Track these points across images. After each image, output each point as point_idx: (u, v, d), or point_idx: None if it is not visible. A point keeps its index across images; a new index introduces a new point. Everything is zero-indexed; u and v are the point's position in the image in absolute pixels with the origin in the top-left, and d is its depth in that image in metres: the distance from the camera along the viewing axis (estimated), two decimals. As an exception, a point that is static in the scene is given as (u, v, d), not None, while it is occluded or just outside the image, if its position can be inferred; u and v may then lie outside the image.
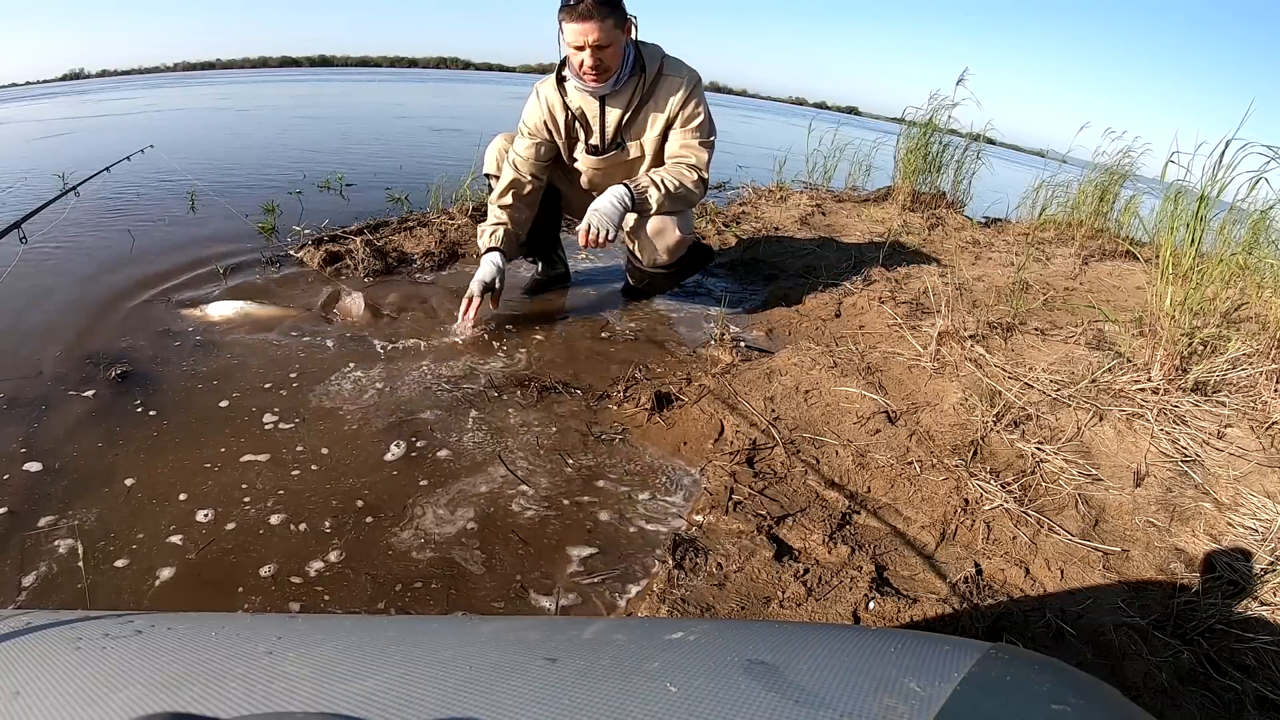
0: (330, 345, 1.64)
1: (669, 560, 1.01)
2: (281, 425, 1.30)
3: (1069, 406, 1.40)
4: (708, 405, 1.42)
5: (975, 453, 1.28)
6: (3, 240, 1.42)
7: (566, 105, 1.77)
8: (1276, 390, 1.46)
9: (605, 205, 1.67)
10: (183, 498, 1.10)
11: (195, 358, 1.54)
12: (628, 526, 1.11)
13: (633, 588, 0.98)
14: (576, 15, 1.55)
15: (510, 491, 1.16)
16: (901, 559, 1.05)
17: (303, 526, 1.05)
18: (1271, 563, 1.03)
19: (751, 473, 1.23)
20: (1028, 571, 1.04)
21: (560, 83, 1.76)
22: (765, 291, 2.26)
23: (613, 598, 0.96)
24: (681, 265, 1.93)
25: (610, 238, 1.67)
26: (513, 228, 1.85)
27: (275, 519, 1.06)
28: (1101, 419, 1.37)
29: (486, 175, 2.00)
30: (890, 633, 0.40)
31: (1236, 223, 2.14)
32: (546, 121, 1.80)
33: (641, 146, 1.79)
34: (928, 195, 3.86)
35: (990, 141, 4.26)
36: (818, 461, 1.26)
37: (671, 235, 1.80)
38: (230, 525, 1.04)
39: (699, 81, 1.74)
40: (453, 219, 2.59)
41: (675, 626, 0.41)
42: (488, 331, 1.80)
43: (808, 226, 3.18)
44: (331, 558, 0.99)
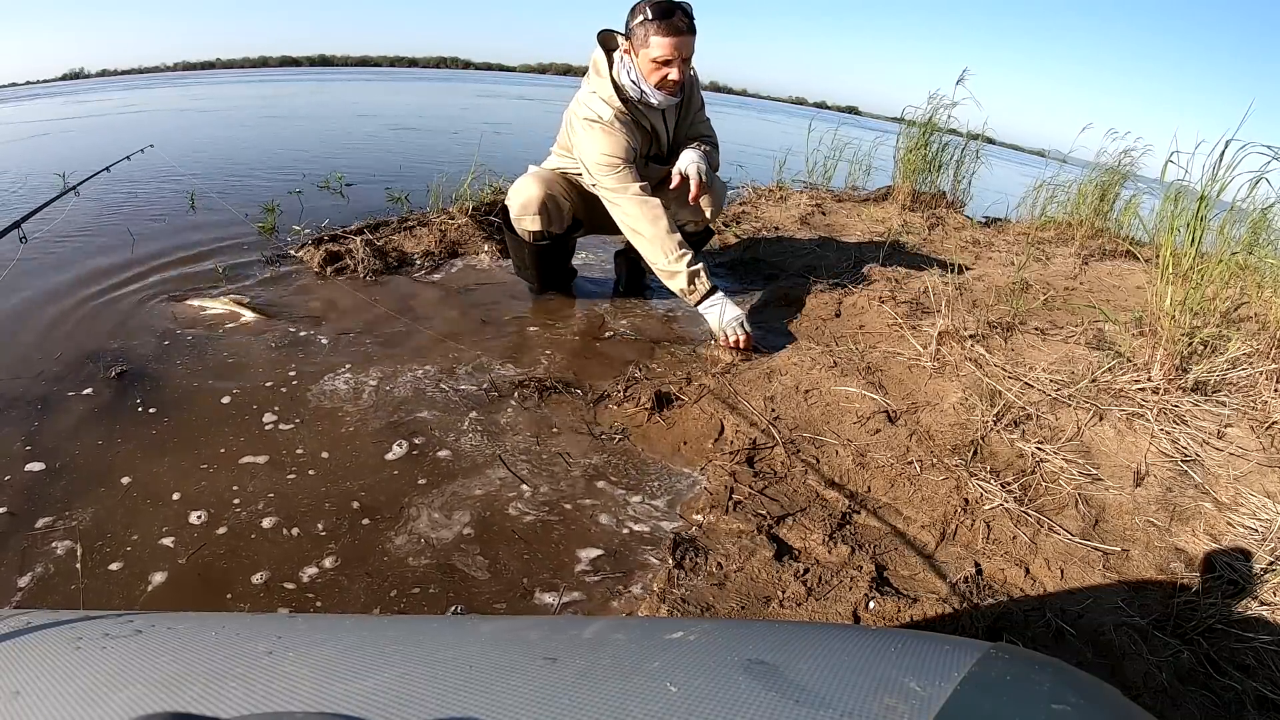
0: (329, 345, 1.64)
1: (669, 560, 1.01)
2: (281, 426, 1.30)
3: (1069, 406, 1.40)
4: (708, 405, 1.42)
5: (975, 452, 1.27)
6: (2, 240, 1.42)
7: (639, 123, 1.73)
8: (1276, 390, 1.46)
9: (698, 157, 1.76)
10: (176, 496, 1.10)
11: (195, 357, 1.54)
12: (627, 526, 1.11)
13: (633, 587, 0.98)
14: (673, 30, 1.56)
15: (510, 492, 1.16)
16: (901, 559, 1.05)
17: (295, 530, 1.05)
18: (1271, 562, 1.03)
19: (751, 472, 1.23)
20: (1028, 571, 1.04)
21: (625, 101, 1.68)
22: (765, 291, 2.26)
23: (613, 597, 0.96)
24: (702, 233, 2.03)
25: (711, 183, 1.79)
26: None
27: (267, 522, 1.06)
28: (1101, 419, 1.37)
29: (531, 232, 1.84)
30: (890, 632, 0.40)
31: (1236, 222, 2.14)
32: (636, 147, 1.72)
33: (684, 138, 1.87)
34: (928, 195, 3.86)
35: (990, 141, 4.26)
36: (818, 461, 1.26)
37: (721, 202, 1.93)
38: (222, 529, 1.04)
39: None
40: (453, 219, 2.59)
41: (675, 626, 0.41)
42: (488, 331, 1.80)
43: (808, 226, 3.18)
44: (327, 563, 0.99)
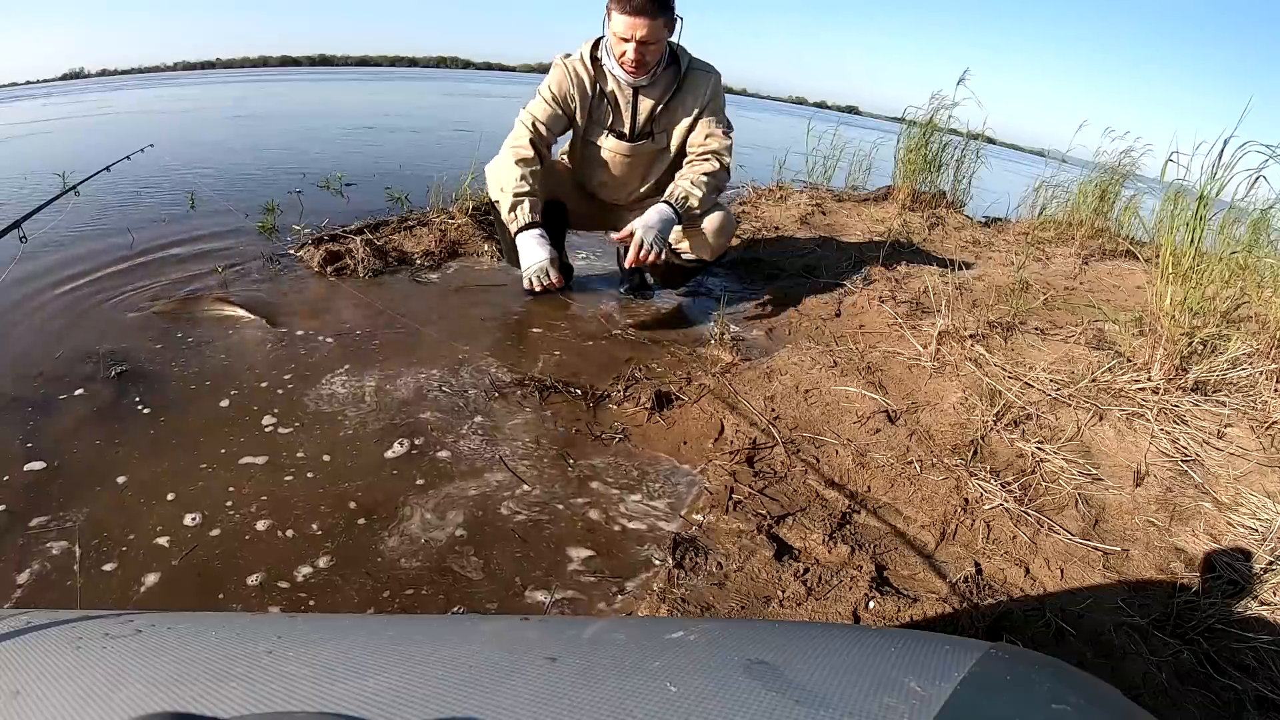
0: (328, 344, 1.64)
1: (669, 559, 1.01)
2: (280, 429, 1.29)
3: (1069, 406, 1.40)
4: (708, 405, 1.42)
5: (975, 452, 1.27)
6: (2, 240, 1.42)
7: (597, 84, 1.76)
8: (1276, 390, 1.46)
9: (654, 221, 1.64)
10: (171, 497, 1.10)
11: (194, 357, 1.53)
12: (627, 526, 1.11)
13: (632, 587, 0.98)
14: (631, 9, 1.55)
15: (510, 492, 1.16)
16: (901, 558, 1.05)
17: (290, 532, 1.04)
18: (1271, 562, 1.03)
19: (751, 472, 1.23)
20: (1028, 571, 1.04)
21: (594, 61, 1.75)
22: (765, 291, 2.26)
23: (613, 597, 0.96)
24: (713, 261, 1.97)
25: (661, 255, 1.67)
26: (541, 198, 1.75)
27: (261, 525, 1.06)
28: (1101, 418, 1.37)
29: (493, 202, 1.91)
30: (890, 632, 0.40)
31: (1236, 222, 2.14)
32: (570, 94, 1.76)
33: (669, 137, 1.83)
34: (928, 195, 3.85)
35: (990, 141, 4.25)
36: (818, 461, 1.26)
37: (723, 237, 1.85)
38: (215, 530, 1.04)
39: (721, 79, 1.81)
40: (453, 218, 2.59)
41: (675, 626, 0.41)
42: (488, 331, 1.80)
43: (808, 226, 3.17)
44: (321, 563, 1.00)
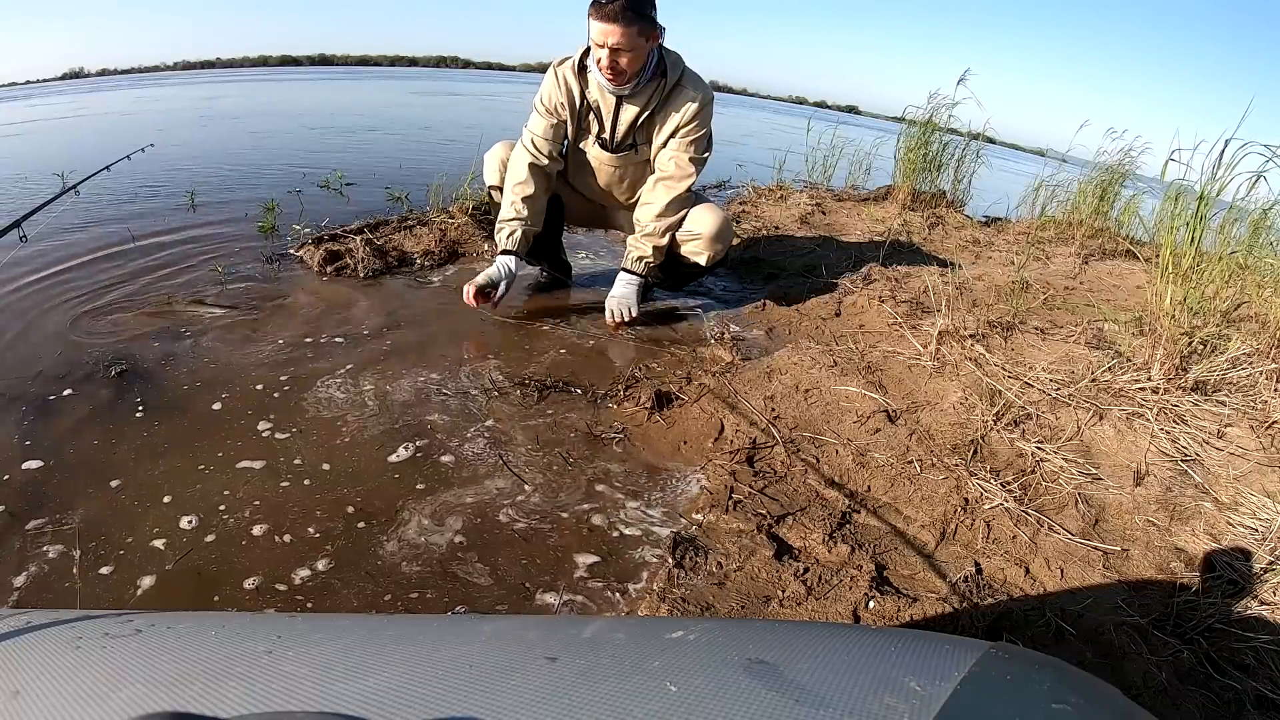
0: (328, 345, 1.64)
1: (669, 559, 1.01)
2: (277, 435, 1.27)
3: (1069, 406, 1.40)
4: (708, 404, 1.42)
5: (975, 452, 1.27)
6: (2, 239, 1.42)
7: (584, 93, 1.79)
8: (1276, 390, 1.46)
9: (621, 292, 1.85)
10: (168, 500, 1.09)
11: (194, 357, 1.53)
12: (627, 526, 1.11)
13: (633, 587, 0.98)
14: (602, 15, 1.57)
15: (509, 492, 1.16)
16: (901, 558, 1.05)
17: (288, 537, 1.04)
18: (1271, 562, 1.03)
19: (751, 472, 1.23)
20: (1028, 570, 1.04)
21: (582, 70, 1.77)
22: (765, 290, 2.26)
23: (613, 596, 0.96)
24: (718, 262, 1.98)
25: (634, 314, 1.83)
26: (530, 223, 1.84)
27: (257, 530, 1.06)
28: (1101, 418, 1.37)
29: (490, 188, 2.01)
30: (891, 632, 0.40)
31: (1236, 221, 2.14)
32: (562, 103, 1.80)
33: (651, 148, 1.84)
34: (928, 194, 3.86)
35: (990, 140, 4.25)
36: (818, 460, 1.26)
37: (720, 243, 1.87)
38: (210, 537, 1.04)
39: (711, 101, 1.80)
40: (453, 218, 2.59)
41: (675, 625, 0.41)
42: (488, 330, 1.80)
43: (808, 225, 3.17)
44: (319, 566, 1.00)
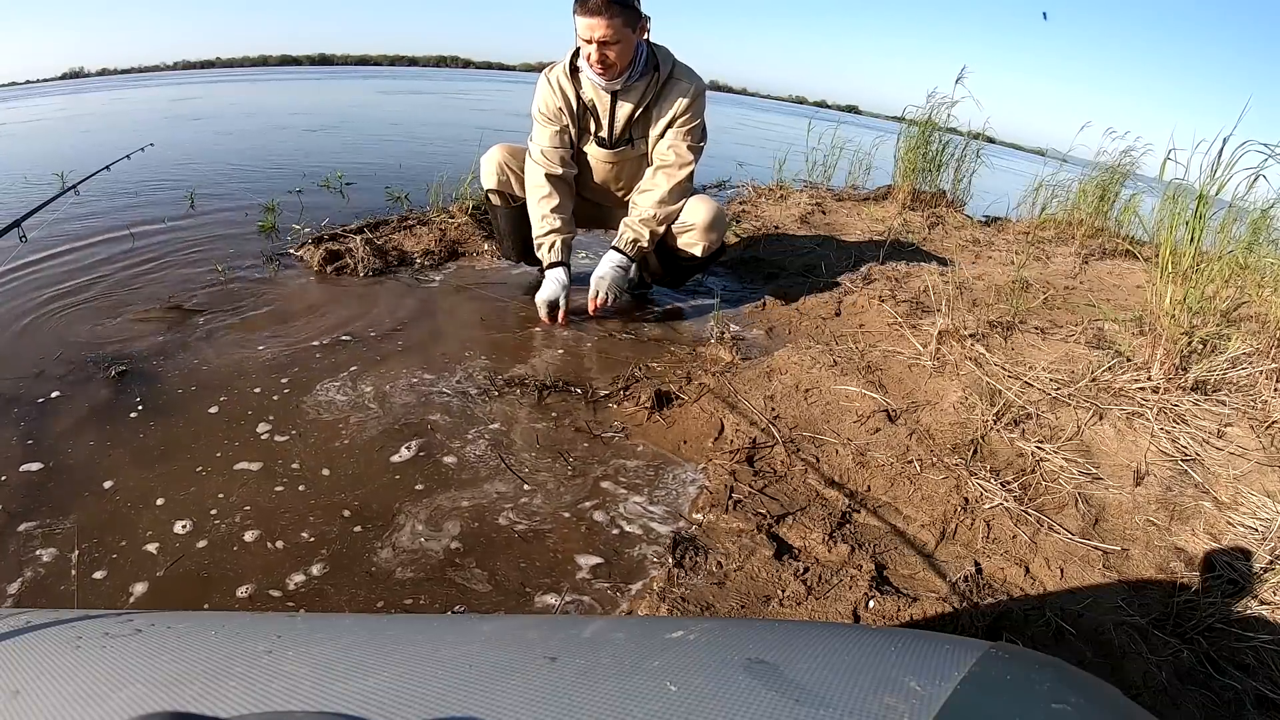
0: (328, 345, 1.64)
1: (669, 559, 1.01)
2: (277, 437, 1.27)
3: (1069, 405, 1.40)
4: (708, 404, 1.42)
5: (975, 451, 1.27)
6: (2, 239, 1.42)
7: (579, 94, 1.79)
8: (1276, 389, 1.46)
9: (608, 272, 1.82)
10: (161, 501, 1.09)
11: (195, 357, 1.53)
12: (627, 526, 1.11)
13: (633, 586, 0.98)
14: (587, 9, 1.57)
15: (509, 492, 1.16)
16: (901, 558, 1.05)
17: (279, 544, 1.03)
18: (1271, 561, 1.03)
19: (751, 471, 1.23)
20: (1027, 570, 1.04)
21: (574, 72, 1.77)
22: (765, 290, 2.26)
23: (613, 596, 0.96)
24: (714, 254, 1.97)
25: (619, 299, 1.82)
26: (565, 231, 1.85)
27: (248, 536, 1.06)
28: (1101, 418, 1.37)
29: (487, 192, 2.00)
30: (890, 631, 0.40)
31: (1236, 221, 2.14)
32: (560, 108, 1.81)
33: (648, 142, 1.84)
34: (928, 194, 3.86)
35: (990, 140, 4.26)
36: (818, 460, 1.26)
37: (714, 233, 1.87)
38: (202, 543, 1.04)
39: (704, 91, 1.81)
40: (453, 218, 2.59)
41: (675, 625, 0.41)
42: (487, 330, 1.80)
43: (808, 225, 3.17)
44: (313, 571, 1.00)
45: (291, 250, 2.27)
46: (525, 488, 1.17)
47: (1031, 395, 1.43)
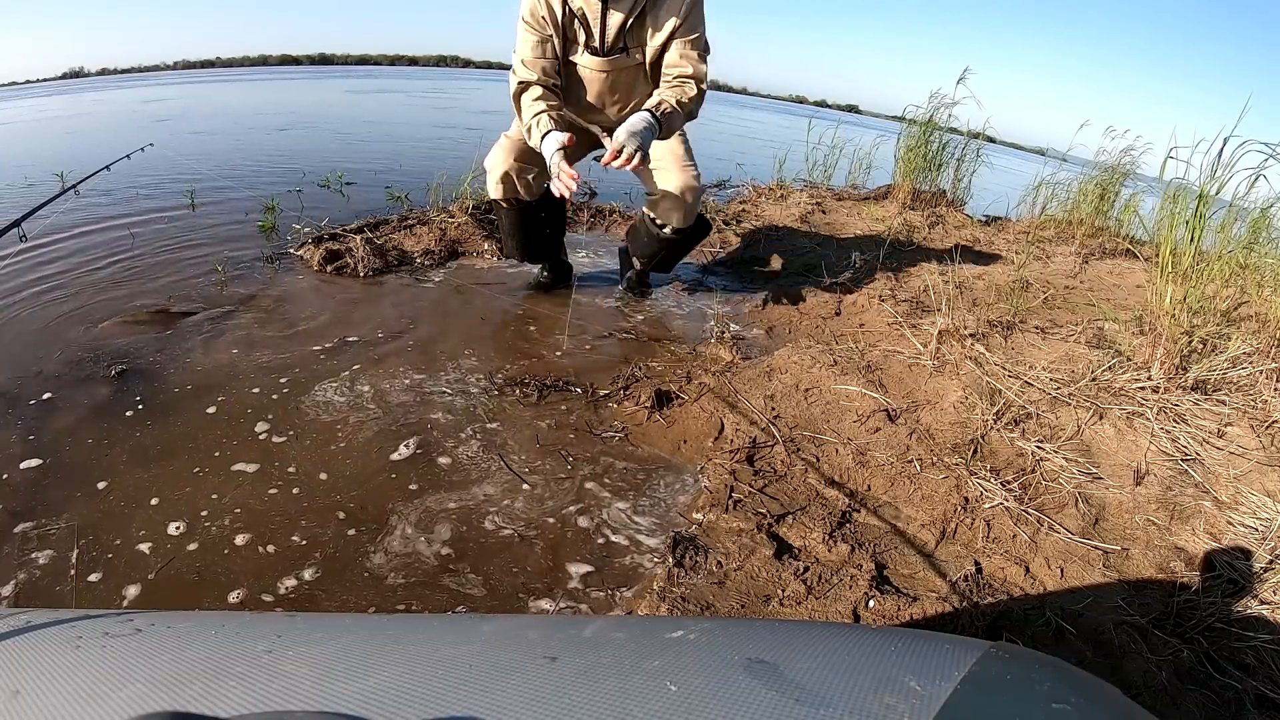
0: (328, 344, 1.64)
1: (669, 558, 1.01)
2: (275, 438, 1.27)
3: (1069, 405, 1.40)
4: (708, 403, 1.42)
5: (975, 451, 1.27)
6: (2, 239, 1.42)
7: (566, 2, 1.71)
8: (1277, 389, 1.46)
9: (637, 124, 1.62)
10: (158, 501, 1.09)
11: (195, 356, 1.53)
12: (627, 525, 1.11)
13: (633, 586, 0.98)
14: None
15: (509, 491, 1.16)
16: (901, 557, 1.05)
17: (271, 548, 1.03)
18: (1271, 561, 1.03)
19: (751, 471, 1.23)
20: (1028, 570, 1.04)
21: None
22: (765, 290, 2.26)
23: (613, 596, 0.96)
24: (693, 231, 1.92)
25: (642, 159, 1.61)
26: (555, 111, 1.72)
27: (239, 540, 1.06)
28: (1102, 417, 1.37)
29: (492, 200, 1.93)
30: (890, 631, 0.40)
31: (1236, 220, 2.13)
32: (545, 17, 1.73)
33: (644, 51, 1.76)
34: (928, 193, 3.85)
35: (990, 140, 4.25)
36: (818, 460, 1.26)
37: (692, 197, 1.80)
38: (194, 546, 1.04)
39: (700, 1, 1.72)
40: (453, 217, 2.59)
41: (675, 625, 0.41)
42: (487, 329, 1.80)
43: (808, 225, 3.17)
44: (305, 575, 0.99)
45: (292, 250, 2.27)
46: (524, 487, 1.17)
47: (1031, 395, 1.43)
